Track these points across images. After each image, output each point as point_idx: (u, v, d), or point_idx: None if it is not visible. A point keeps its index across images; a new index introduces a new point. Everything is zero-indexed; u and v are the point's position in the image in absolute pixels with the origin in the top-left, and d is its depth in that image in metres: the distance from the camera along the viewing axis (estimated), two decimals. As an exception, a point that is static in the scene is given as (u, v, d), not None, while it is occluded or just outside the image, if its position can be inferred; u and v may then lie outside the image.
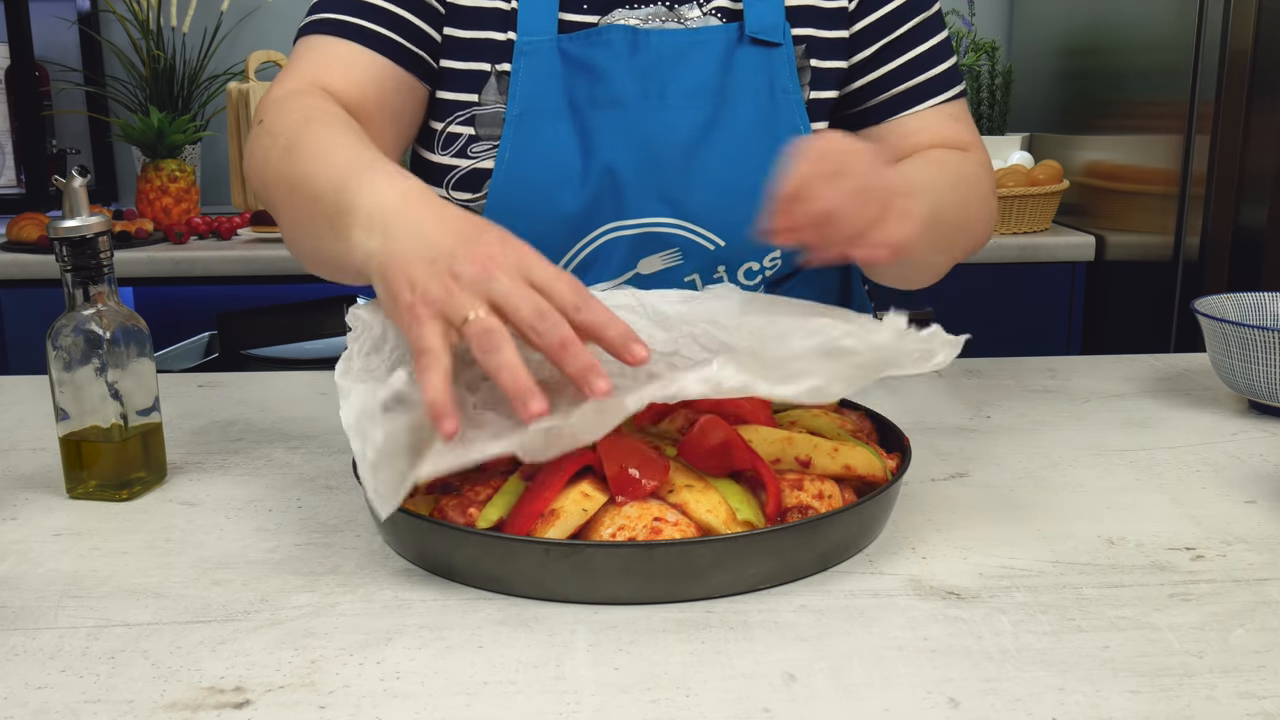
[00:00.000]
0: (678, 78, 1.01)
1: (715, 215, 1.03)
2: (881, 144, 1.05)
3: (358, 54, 0.98)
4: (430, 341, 0.65)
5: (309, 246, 0.85)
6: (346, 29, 0.99)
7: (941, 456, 0.90)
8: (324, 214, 0.79)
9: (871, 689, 0.57)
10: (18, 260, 2.23)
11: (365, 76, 0.98)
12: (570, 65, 1.00)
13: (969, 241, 1.03)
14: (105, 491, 0.83)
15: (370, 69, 0.98)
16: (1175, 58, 1.97)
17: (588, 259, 1.03)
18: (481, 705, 0.56)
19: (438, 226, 0.71)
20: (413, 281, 0.68)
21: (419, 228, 0.71)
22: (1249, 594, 0.67)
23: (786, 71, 1.03)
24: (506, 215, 1.01)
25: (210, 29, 2.64)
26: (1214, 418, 1.00)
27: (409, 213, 0.73)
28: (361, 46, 0.98)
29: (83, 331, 0.81)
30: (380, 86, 0.99)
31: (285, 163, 0.85)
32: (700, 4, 1.04)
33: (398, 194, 0.75)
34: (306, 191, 0.82)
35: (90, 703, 0.57)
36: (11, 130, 2.74)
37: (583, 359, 0.64)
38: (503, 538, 0.66)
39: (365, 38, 0.99)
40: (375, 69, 0.98)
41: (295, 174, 0.83)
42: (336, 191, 0.78)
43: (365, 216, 0.74)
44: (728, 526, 0.68)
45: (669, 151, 1.01)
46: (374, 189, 0.76)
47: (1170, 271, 2.02)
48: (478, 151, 1.02)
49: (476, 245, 0.68)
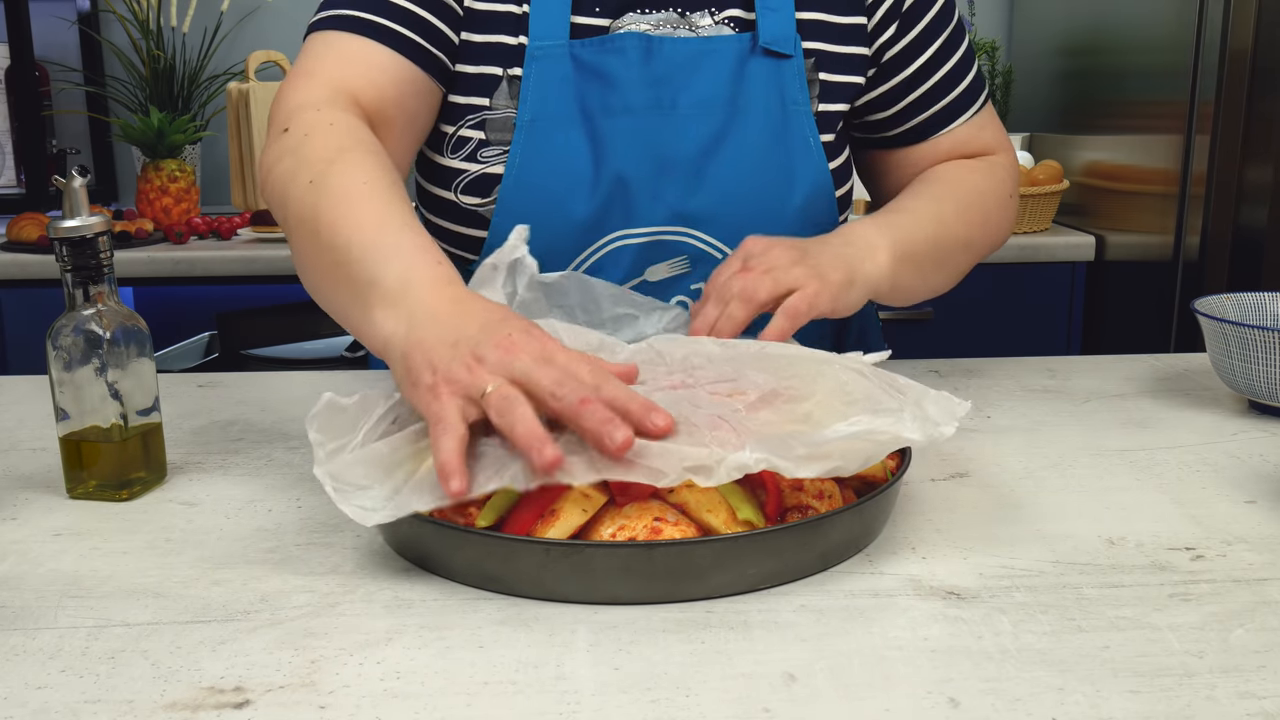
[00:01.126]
0: (690, 87, 1.01)
1: (724, 224, 1.03)
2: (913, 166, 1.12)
3: (377, 53, 0.96)
4: (449, 415, 0.67)
5: (323, 293, 0.85)
6: (366, 26, 0.97)
7: (941, 456, 0.90)
8: (346, 276, 0.79)
9: (871, 689, 0.57)
10: (18, 260, 2.23)
11: (385, 78, 0.96)
12: (582, 71, 1.00)
13: (972, 255, 1.08)
14: (105, 491, 0.83)
15: (389, 69, 0.97)
16: (1175, 58, 1.97)
17: (595, 266, 1.03)
18: (481, 705, 0.56)
19: (462, 315, 0.72)
20: (434, 365, 0.69)
21: (444, 316, 0.72)
22: (1249, 594, 0.67)
23: (797, 84, 1.03)
24: (516, 220, 1.01)
25: (210, 29, 2.64)
26: (1214, 418, 1.00)
27: (434, 300, 0.73)
28: (382, 45, 0.97)
29: (83, 331, 0.81)
30: (399, 89, 0.97)
31: (311, 198, 0.84)
32: (712, 12, 1.03)
33: (425, 279, 0.75)
34: (330, 243, 0.81)
35: (90, 703, 0.57)
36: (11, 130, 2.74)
37: (602, 413, 0.64)
38: (503, 538, 0.66)
39: (385, 36, 0.97)
40: (395, 69, 0.97)
41: (321, 219, 0.82)
42: (362, 259, 0.78)
43: (390, 296, 0.75)
44: (728, 526, 0.68)
45: (679, 160, 1.01)
46: (402, 268, 0.76)
47: (1170, 271, 2.02)
48: (488, 156, 1.01)
49: (499, 332, 0.69)
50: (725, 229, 1.03)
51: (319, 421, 0.73)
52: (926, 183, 1.08)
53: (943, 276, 1.06)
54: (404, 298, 0.74)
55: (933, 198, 1.05)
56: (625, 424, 0.64)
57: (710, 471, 0.65)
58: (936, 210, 1.04)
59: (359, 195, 0.82)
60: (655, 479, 0.64)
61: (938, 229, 1.02)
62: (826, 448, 0.67)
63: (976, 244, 1.08)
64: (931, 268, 1.03)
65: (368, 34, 0.97)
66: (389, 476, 0.69)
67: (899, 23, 1.07)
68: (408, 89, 0.98)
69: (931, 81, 1.09)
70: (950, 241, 1.04)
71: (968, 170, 1.10)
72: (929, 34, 1.08)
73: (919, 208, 1.04)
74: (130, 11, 2.53)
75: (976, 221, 1.07)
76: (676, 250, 1.03)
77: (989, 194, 1.09)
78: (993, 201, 1.09)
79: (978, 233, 1.07)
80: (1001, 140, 1.14)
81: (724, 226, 1.03)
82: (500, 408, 0.65)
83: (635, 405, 0.66)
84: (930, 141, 1.11)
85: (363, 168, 0.85)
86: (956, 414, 0.72)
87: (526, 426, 0.64)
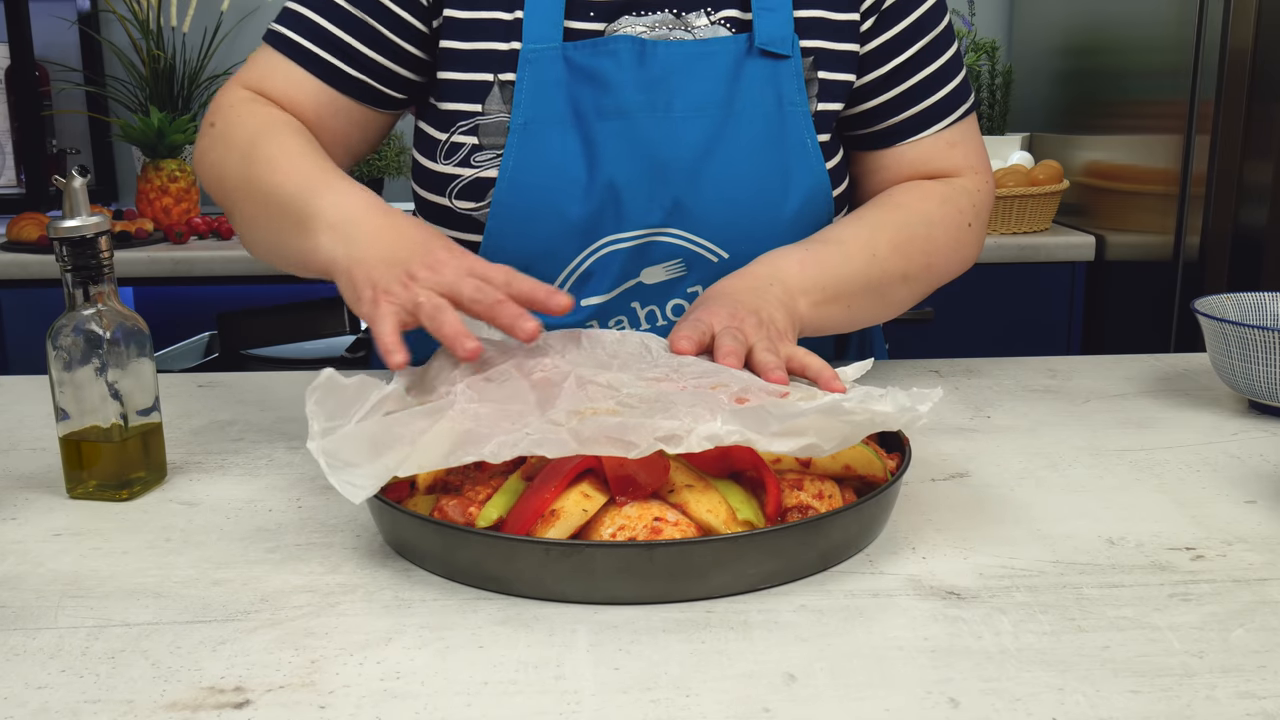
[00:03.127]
0: (684, 90, 1.00)
1: (719, 228, 1.02)
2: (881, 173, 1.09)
3: (295, 73, 1.03)
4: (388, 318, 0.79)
5: (269, 243, 0.96)
6: (290, 47, 1.03)
7: (941, 456, 0.90)
8: (290, 218, 0.90)
9: (871, 689, 0.57)
10: (18, 260, 2.23)
11: (301, 95, 1.03)
12: (575, 73, 0.99)
13: (914, 288, 1.05)
14: (105, 491, 0.83)
15: (306, 88, 1.03)
16: (1175, 58, 1.97)
17: (588, 270, 1.03)
18: (481, 705, 0.56)
19: (395, 236, 0.85)
20: (374, 282, 0.81)
21: (378, 236, 0.85)
22: (1249, 594, 0.67)
23: (794, 84, 1.02)
24: (511, 224, 1.01)
25: (210, 29, 2.64)
26: (1214, 418, 1.00)
27: (369, 223, 0.86)
28: (299, 68, 1.03)
29: (83, 331, 0.81)
30: (318, 110, 1.04)
31: (245, 168, 0.96)
32: (708, 13, 1.02)
33: (359, 205, 0.88)
34: (269, 197, 0.92)
35: (90, 703, 0.57)
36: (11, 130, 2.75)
37: (512, 309, 0.78)
38: (503, 538, 0.66)
39: (306, 60, 1.03)
40: (312, 89, 1.03)
41: (256, 180, 0.94)
42: (301, 199, 0.89)
43: (329, 224, 0.87)
44: (728, 526, 0.68)
45: (674, 164, 1.00)
46: (336, 199, 0.88)
47: (1170, 271, 2.02)
48: (481, 161, 1.01)
49: (428, 253, 0.82)
50: (720, 231, 1.02)
51: (319, 395, 0.76)
52: (873, 208, 1.05)
53: (878, 309, 1.03)
54: (343, 223, 0.87)
55: (871, 226, 1.02)
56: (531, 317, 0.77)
57: (680, 440, 0.66)
58: (870, 242, 1.00)
59: (287, 154, 0.94)
60: (627, 450, 0.66)
61: (868, 265, 0.99)
62: (801, 422, 0.68)
63: (916, 277, 1.03)
64: (862, 303, 1.00)
65: (290, 54, 1.03)
66: (379, 457, 0.70)
67: (877, 17, 1.05)
68: (326, 110, 1.04)
69: (906, 85, 1.06)
70: (882, 276, 1.00)
71: (921, 197, 1.05)
72: (912, 33, 1.06)
73: (851, 239, 1.00)
74: (130, 11, 2.53)
75: (917, 253, 1.03)
76: (672, 253, 1.03)
77: (939, 224, 1.04)
78: (942, 232, 1.04)
79: (917, 265, 1.03)
80: (975, 161, 1.09)
81: (719, 229, 1.02)
82: (430, 314, 0.78)
83: (541, 292, 0.79)
84: (896, 149, 1.08)
85: (286, 135, 0.97)
86: (931, 398, 0.73)
87: (452, 327, 0.76)
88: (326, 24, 1.02)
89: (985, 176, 1.10)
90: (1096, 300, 2.31)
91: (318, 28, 1.02)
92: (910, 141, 1.08)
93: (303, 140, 0.97)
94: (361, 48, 1.02)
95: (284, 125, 0.99)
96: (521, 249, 1.02)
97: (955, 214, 1.06)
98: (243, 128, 0.99)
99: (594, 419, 0.68)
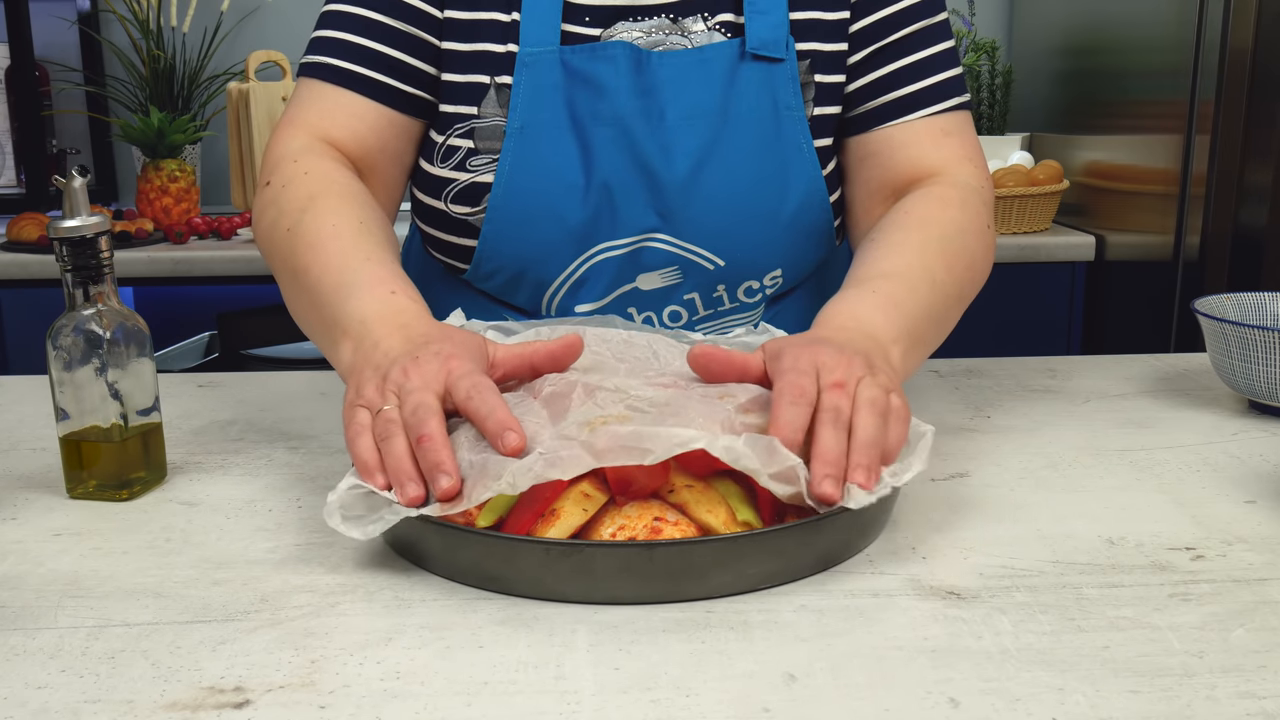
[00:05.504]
0: (678, 99, 0.99)
1: (715, 236, 1.01)
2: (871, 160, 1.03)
3: (357, 104, 1.00)
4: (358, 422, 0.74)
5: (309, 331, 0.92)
6: (346, 77, 1.00)
7: (941, 456, 0.90)
8: (319, 317, 0.87)
9: (871, 689, 0.57)
10: (18, 260, 2.23)
11: (364, 126, 1.00)
12: (572, 77, 0.99)
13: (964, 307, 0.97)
14: (105, 491, 0.83)
15: (368, 117, 1.00)
16: (1175, 58, 1.97)
17: (585, 274, 1.02)
18: (481, 705, 0.56)
19: (398, 342, 0.79)
20: (359, 386, 0.76)
21: (383, 343, 0.79)
22: (1249, 594, 0.67)
23: (790, 88, 1.01)
24: (507, 228, 1.00)
25: (210, 29, 2.64)
26: (1214, 418, 1.00)
27: (380, 331, 0.81)
28: (360, 96, 1.00)
29: (83, 331, 0.81)
30: (380, 135, 1.01)
31: (288, 244, 0.92)
32: (705, 18, 1.01)
33: (375, 314, 0.82)
34: (305, 286, 0.89)
35: (90, 703, 0.57)
36: (11, 130, 2.75)
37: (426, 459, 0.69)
38: (503, 538, 0.66)
39: (364, 86, 1.00)
40: (374, 117, 1.01)
41: (297, 263, 0.90)
42: (329, 300, 0.86)
43: (349, 332, 0.83)
44: (728, 526, 0.68)
45: (668, 172, 0.99)
46: (357, 305, 0.83)
47: (1170, 271, 2.02)
48: (476, 165, 1.00)
49: (408, 356, 0.76)
50: (714, 238, 1.01)
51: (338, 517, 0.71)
52: (902, 229, 0.95)
53: (937, 342, 0.94)
54: (358, 332, 0.82)
55: (917, 251, 0.93)
56: (419, 485, 0.69)
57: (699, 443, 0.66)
58: (926, 269, 0.91)
59: (328, 237, 0.89)
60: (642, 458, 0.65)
61: (931, 294, 0.90)
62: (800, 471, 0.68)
63: (967, 295, 0.97)
64: (932, 339, 0.92)
65: (345, 84, 1.00)
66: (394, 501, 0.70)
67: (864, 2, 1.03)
68: (388, 133, 1.01)
69: (892, 66, 1.02)
70: (944, 302, 0.92)
71: (940, 206, 0.98)
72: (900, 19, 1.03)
73: (908, 270, 0.91)
74: (130, 11, 2.54)
75: (963, 268, 0.95)
76: (667, 260, 1.02)
77: (970, 231, 0.97)
78: (974, 240, 0.97)
79: (967, 281, 0.96)
80: (972, 153, 1.03)
81: (712, 235, 1.01)
82: (382, 432, 0.72)
83: (492, 424, 0.70)
84: (885, 131, 1.02)
85: (332, 211, 0.92)
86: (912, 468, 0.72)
87: (394, 460, 0.70)
88: (371, 43, 1.00)
89: (985, 171, 1.05)
90: (1096, 300, 2.31)
91: (364, 49, 1.00)
92: (900, 123, 1.02)
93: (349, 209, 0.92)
94: (410, 60, 1.01)
95: (336, 190, 0.94)
96: (518, 254, 1.01)
97: (975, 218, 0.99)
98: (295, 191, 0.94)
99: (604, 429, 0.68)
